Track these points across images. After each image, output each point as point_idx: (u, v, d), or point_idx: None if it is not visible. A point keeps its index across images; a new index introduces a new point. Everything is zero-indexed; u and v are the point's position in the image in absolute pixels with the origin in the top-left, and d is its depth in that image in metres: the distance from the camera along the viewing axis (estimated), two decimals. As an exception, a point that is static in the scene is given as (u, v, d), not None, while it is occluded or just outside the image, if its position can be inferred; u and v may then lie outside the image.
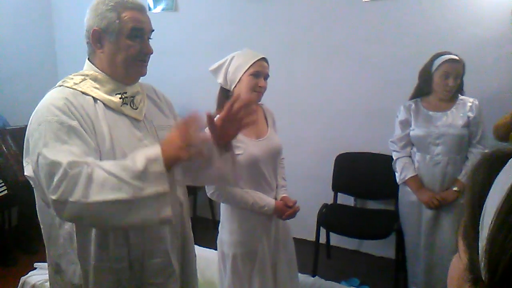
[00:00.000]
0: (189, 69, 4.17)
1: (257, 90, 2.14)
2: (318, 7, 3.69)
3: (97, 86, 1.53)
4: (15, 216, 4.03)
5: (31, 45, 4.69)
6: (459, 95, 2.78)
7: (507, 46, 3.09)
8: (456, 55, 2.69)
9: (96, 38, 1.53)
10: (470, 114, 2.72)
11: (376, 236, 3.33)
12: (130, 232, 1.50)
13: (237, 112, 1.53)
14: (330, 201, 3.66)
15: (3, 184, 3.56)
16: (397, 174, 2.90)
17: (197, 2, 4.21)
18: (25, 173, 1.44)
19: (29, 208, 3.82)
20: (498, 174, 0.46)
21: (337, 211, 3.61)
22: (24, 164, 1.46)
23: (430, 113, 2.79)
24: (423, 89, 2.83)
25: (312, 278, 2.96)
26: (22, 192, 3.71)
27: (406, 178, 2.83)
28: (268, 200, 2.19)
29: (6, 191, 3.56)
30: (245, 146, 2.13)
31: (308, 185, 3.86)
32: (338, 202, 3.71)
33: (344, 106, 3.74)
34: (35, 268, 2.84)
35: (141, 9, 1.56)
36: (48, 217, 1.51)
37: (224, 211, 2.27)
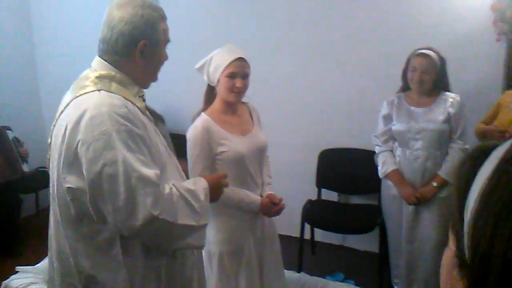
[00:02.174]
0: (173, 67, 4.12)
1: (235, 91, 2.13)
2: (302, 4, 3.70)
3: (123, 88, 1.48)
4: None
5: (10, 48, 4.59)
6: (443, 91, 2.80)
7: (488, 41, 3.13)
8: (431, 50, 2.72)
9: (142, 49, 1.49)
10: (451, 110, 2.74)
11: (359, 230, 3.36)
12: None
13: None
14: (314, 197, 3.68)
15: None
16: (379, 168, 2.93)
17: (183, 1, 4.16)
18: (67, 185, 1.39)
19: (10, 211, 3.79)
20: (482, 166, 0.49)
21: (321, 206, 3.63)
22: (64, 175, 1.40)
23: (412, 108, 2.82)
24: (405, 84, 2.87)
25: (298, 274, 2.98)
26: (2, 195, 3.66)
27: (387, 172, 2.86)
28: (254, 198, 2.20)
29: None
30: (230, 143, 2.14)
31: (292, 181, 3.86)
32: (322, 197, 3.73)
33: (327, 103, 3.76)
34: (17, 272, 2.80)
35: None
36: (75, 230, 1.45)
37: None
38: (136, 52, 1.48)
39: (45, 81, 4.85)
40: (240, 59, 2.14)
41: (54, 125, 1.50)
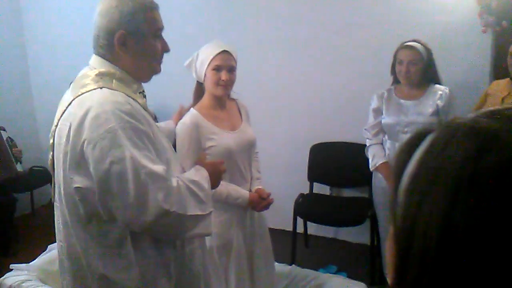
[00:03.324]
0: (164, 64, 4.13)
1: (221, 84, 2.14)
2: (290, 0, 3.72)
3: (123, 85, 1.47)
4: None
5: (1, 48, 4.59)
6: (433, 83, 2.81)
7: (474, 33, 3.16)
8: (417, 41, 2.74)
9: (122, 40, 1.46)
10: (439, 103, 2.75)
11: (351, 223, 3.39)
12: None
13: None
14: (306, 191, 3.71)
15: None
16: (369, 161, 2.96)
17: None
18: (75, 185, 1.38)
19: (4, 210, 3.81)
20: (417, 149, 0.52)
21: (313, 200, 3.66)
22: (71, 176, 1.38)
23: (401, 101, 2.84)
24: (394, 78, 2.89)
25: (289, 266, 3.00)
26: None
27: (377, 165, 2.88)
28: (242, 192, 2.22)
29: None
30: (219, 137, 2.16)
31: (284, 176, 3.90)
32: (314, 191, 3.76)
33: (317, 97, 3.78)
34: (11, 270, 2.82)
35: (158, 7, 1.55)
36: (85, 230, 1.44)
37: None
38: (116, 45, 1.46)
39: (37, 81, 4.86)
40: (225, 52, 2.15)
41: (56, 126, 1.47)
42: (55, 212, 1.58)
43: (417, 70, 2.73)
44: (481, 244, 0.43)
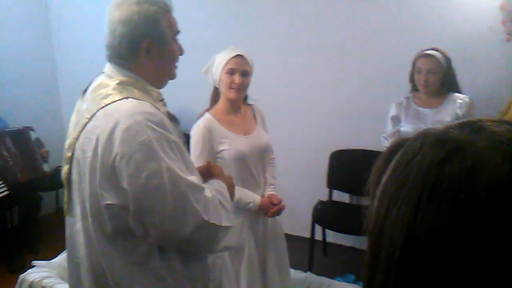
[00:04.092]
0: (188, 67, 4.17)
1: (233, 87, 2.19)
2: (310, 6, 3.73)
3: (145, 95, 1.39)
4: (15, 217, 4.09)
5: (29, 49, 4.74)
6: (452, 92, 2.78)
7: (497, 41, 3.09)
8: (436, 50, 2.71)
9: (147, 48, 1.39)
10: (459, 111, 2.71)
11: (370, 232, 3.35)
12: None
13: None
14: (325, 198, 3.69)
15: (3, 185, 3.62)
16: (388, 170, 2.93)
17: (191, 3, 4.23)
18: (106, 202, 1.29)
19: (30, 208, 3.92)
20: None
21: (332, 207, 3.64)
22: (101, 192, 1.29)
23: (420, 109, 2.82)
24: (413, 86, 2.87)
25: (304, 273, 2.99)
26: (23, 193, 3.79)
27: (396, 174, 2.85)
28: (253, 197, 2.23)
29: (6, 192, 3.61)
30: (232, 141, 2.18)
31: (303, 182, 3.89)
32: (333, 199, 3.74)
33: (338, 104, 3.77)
34: (33, 266, 2.90)
35: (172, 10, 1.48)
36: (111, 246, 1.36)
37: None
38: (141, 53, 1.39)
39: (64, 82, 4.99)
40: (239, 56, 2.20)
41: (77, 138, 1.39)
42: (68, 225, 1.50)
43: (436, 79, 2.70)
44: (440, 253, 0.43)
